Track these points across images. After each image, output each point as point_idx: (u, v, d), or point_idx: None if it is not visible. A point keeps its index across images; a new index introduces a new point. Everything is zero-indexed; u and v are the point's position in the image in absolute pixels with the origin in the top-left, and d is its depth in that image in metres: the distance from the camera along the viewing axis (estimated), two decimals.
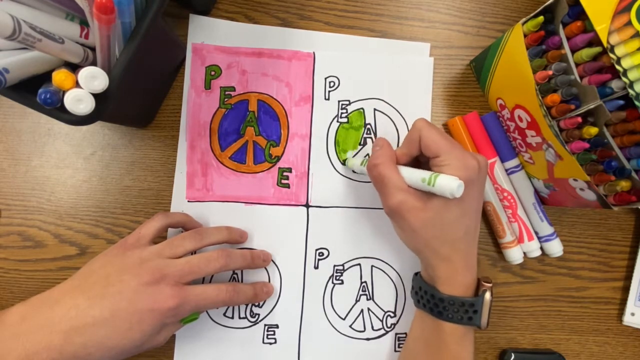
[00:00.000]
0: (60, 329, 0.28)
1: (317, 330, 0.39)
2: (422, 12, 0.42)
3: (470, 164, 0.30)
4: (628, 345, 0.42)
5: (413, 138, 0.32)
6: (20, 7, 0.26)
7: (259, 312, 0.39)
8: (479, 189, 0.32)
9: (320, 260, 0.40)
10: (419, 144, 0.32)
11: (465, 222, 0.31)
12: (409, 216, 0.30)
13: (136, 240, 0.33)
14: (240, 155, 0.40)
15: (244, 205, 0.39)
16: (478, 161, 0.31)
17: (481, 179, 0.32)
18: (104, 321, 0.29)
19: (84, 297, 0.30)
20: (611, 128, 0.31)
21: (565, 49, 0.30)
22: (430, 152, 0.31)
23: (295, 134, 0.40)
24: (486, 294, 0.32)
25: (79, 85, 0.25)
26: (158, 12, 0.28)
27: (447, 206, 0.30)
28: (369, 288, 0.40)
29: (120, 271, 0.31)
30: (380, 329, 0.40)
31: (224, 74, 0.40)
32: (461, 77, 0.42)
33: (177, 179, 0.39)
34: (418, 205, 0.30)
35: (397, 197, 0.31)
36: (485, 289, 0.32)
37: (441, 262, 0.32)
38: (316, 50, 0.41)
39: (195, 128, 0.39)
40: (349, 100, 0.41)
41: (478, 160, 0.31)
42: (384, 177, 0.31)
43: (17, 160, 0.39)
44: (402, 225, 0.32)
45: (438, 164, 0.31)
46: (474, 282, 0.33)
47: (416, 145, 0.32)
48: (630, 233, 0.42)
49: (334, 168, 0.40)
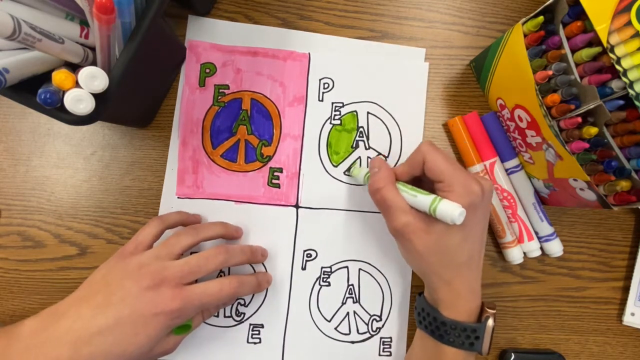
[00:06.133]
0: (67, 340, 0.28)
1: (302, 331, 0.39)
2: (422, 12, 0.42)
3: (474, 189, 0.30)
4: (628, 345, 0.42)
5: (417, 160, 0.33)
6: (20, 7, 0.26)
7: (244, 312, 0.39)
8: (483, 214, 0.32)
9: (308, 261, 0.40)
10: (422, 166, 0.32)
11: (468, 247, 0.31)
12: (413, 237, 0.31)
13: (134, 248, 0.33)
14: (231, 153, 0.40)
15: (234, 203, 0.39)
16: (482, 186, 0.31)
17: (485, 204, 0.32)
18: (109, 329, 0.29)
19: (87, 307, 0.30)
20: (611, 128, 0.31)
21: (565, 49, 0.30)
22: (434, 176, 0.31)
23: (288, 135, 0.40)
24: (489, 321, 0.32)
25: (79, 85, 0.25)
26: (158, 12, 0.28)
27: (449, 231, 0.30)
28: (356, 291, 0.40)
29: (121, 278, 0.31)
30: (365, 333, 0.40)
31: (219, 71, 0.40)
32: (461, 77, 0.42)
33: (167, 176, 0.39)
34: (422, 227, 0.30)
35: (401, 219, 0.31)
36: (488, 315, 0.32)
37: (444, 285, 0.32)
38: (312, 51, 0.41)
39: (187, 125, 0.39)
40: (343, 103, 0.41)
41: (482, 185, 0.31)
42: (387, 200, 0.32)
43: (17, 160, 0.39)
44: (407, 247, 0.32)
45: (441, 189, 0.31)
46: (478, 307, 0.33)
47: (419, 167, 0.33)
48: (630, 233, 0.42)
49: (325, 170, 0.40)
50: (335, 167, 0.40)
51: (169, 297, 0.30)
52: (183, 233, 0.34)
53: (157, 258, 0.32)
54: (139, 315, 0.29)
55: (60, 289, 0.39)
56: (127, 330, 0.29)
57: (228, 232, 0.37)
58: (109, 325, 0.29)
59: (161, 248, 0.33)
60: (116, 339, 0.29)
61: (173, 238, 0.33)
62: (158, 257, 0.32)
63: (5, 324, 0.37)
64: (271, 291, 0.39)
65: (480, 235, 0.32)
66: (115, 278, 0.31)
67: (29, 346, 0.29)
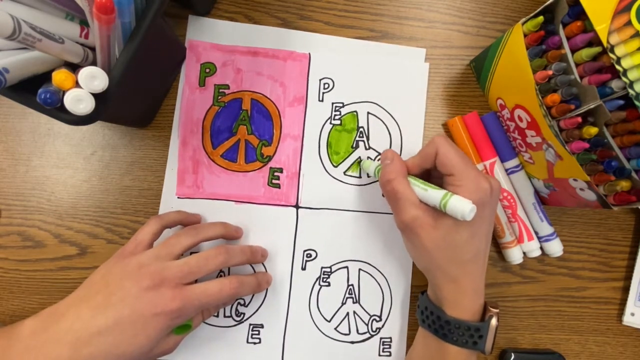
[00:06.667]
0: (67, 341, 0.28)
1: (302, 331, 0.39)
2: (422, 12, 0.42)
3: (483, 187, 0.30)
4: (628, 345, 0.42)
5: (429, 152, 0.33)
6: (20, 7, 0.26)
7: (244, 312, 0.39)
8: (490, 212, 0.32)
9: (307, 261, 0.40)
10: (434, 159, 0.32)
11: (475, 244, 0.31)
12: (421, 232, 0.31)
13: (134, 247, 0.33)
14: (231, 153, 0.40)
15: (234, 203, 0.39)
16: (491, 184, 0.31)
17: (493, 202, 0.32)
18: (108, 330, 0.29)
19: (87, 308, 0.30)
20: (611, 128, 0.31)
21: (565, 49, 0.30)
22: (445, 169, 0.31)
23: (288, 135, 0.40)
24: (492, 320, 0.32)
25: (79, 85, 0.25)
26: (158, 12, 0.28)
27: (457, 227, 0.30)
28: (356, 291, 0.40)
29: (121, 278, 0.31)
30: (365, 333, 0.40)
31: (219, 71, 0.40)
32: (461, 77, 0.42)
33: (167, 176, 0.39)
34: (430, 222, 0.30)
35: (410, 212, 0.31)
36: (491, 315, 0.32)
37: (449, 283, 0.32)
38: (312, 51, 0.41)
39: (187, 125, 0.39)
40: (343, 103, 0.41)
41: (491, 183, 0.31)
42: (397, 193, 0.32)
43: (17, 160, 0.39)
44: (414, 241, 0.32)
45: (452, 183, 0.31)
46: (481, 306, 0.33)
47: (431, 159, 0.33)
48: (630, 233, 0.42)
49: (325, 170, 0.40)
50: (335, 167, 0.40)
51: (169, 298, 0.30)
52: (183, 233, 0.34)
53: (157, 258, 0.32)
54: (138, 315, 0.29)
55: (60, 289, 0.39)
56: (127, 331, 0.29)
57: (228, 232, 0.37)
58: (109, 326, 0.29)
59: (161, 248, 0.33)
60: (116, 340, 0.29)
61: (173, 238, 0.33)
62: (158, 257, 0.32)
63: (5, 324, 0.37)
64: (271, 291, 0.39)
65: (487, 233, 0.32)
66: (114, 278, 0.31)
67: (28, 347, 0.29)
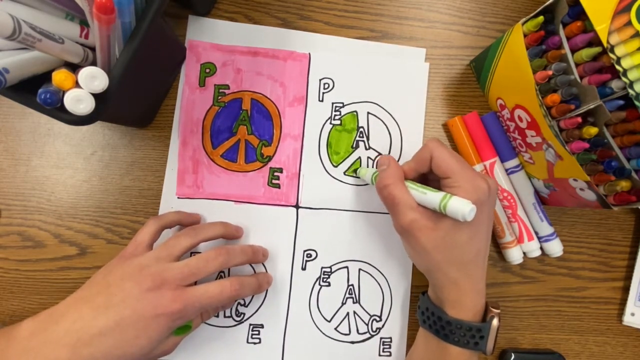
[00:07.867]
0: (66, 342, 0.28)
1: (302, 331, 0.39)
2: (422, 12, 0.42)
3: (481, 186, 0.30)
4: (628, 345, 0.42)
5: (424, 157, 0.33)
6: (20, 7, 0.26)
7: (244, 312, 0.39)
8: (489, 211, 0.32)
9: (308, 261, 0.40)
10: (429, 163, 0.32)
11: (475, 245, 0.31)
12: (420, 234, 0.31)
13: (134, 249, 0.33)
14: (231, 153, 0.40)
15: (234, 203, 0.39)
16: (488, 183, 0.31)
17: (491, 201, 0.32)
18: (109, 331, 0.29)
19: (88, 308, 0.30)
20: (611, 128, 0.31)
21: (565, 49, 0.30)
22: (441, 172, 0.31)
23: (288, 135, 0.40)
24: (494, 320, 0.32)
25: (79, 85, 0.25)
26: (158, 12, 0.28)
27: (456, 228, 0.30)
28: (356, 291, 0.40)
29: (122, 280, 0.31)
30: (365, 333, 0.40)
31: (219, 71, 0.40)
32: (461, 77, 0.42)
33: (167, 176, 0.39)
34: (429, 224, 0.30)
35: (408, 216, 0.31)
36: (493, 315, 0.32)
37: (450, 284, 0.32)
38: (312, 51, 0.41)
39: (187, 125, 0.39)
40: (343, 103, 0.41)
41: (488, 182, 0.31)
42: (394, 197, 0.32)
43: (17, 160, 0.39)
44: (414, 244, 0.32)
45: (449, 185, 0.31)
46: (482, 307, 0.33)
47: (426, 164, 0.33)
48: (630, 233, 0.42)
49: (325, 170, 0.40)
50: (335, 167, 0.40)
51: (169, 299, 0.30)
52: (183, 234, 0.34)
53: (157, 260, 0.32)
54: (139, 316, 0.29)
55: (60, 289, 0.39)
56: (128, 332, 0.29)
57: (228, 232, 0.37)
58: (110, 327, 0.29)
59: (161, 249, 0.33)
60: (117, 341, 0.29)
61: (173, 239, 0.33)
62: (158, 258, 0.32)
63: (5, 324, 0.37)
64: (271, 291, 0.39)
65: (486, 233, 0.32)
66: (115, 279, 0.31)
67: (27, 348, 0.28)
